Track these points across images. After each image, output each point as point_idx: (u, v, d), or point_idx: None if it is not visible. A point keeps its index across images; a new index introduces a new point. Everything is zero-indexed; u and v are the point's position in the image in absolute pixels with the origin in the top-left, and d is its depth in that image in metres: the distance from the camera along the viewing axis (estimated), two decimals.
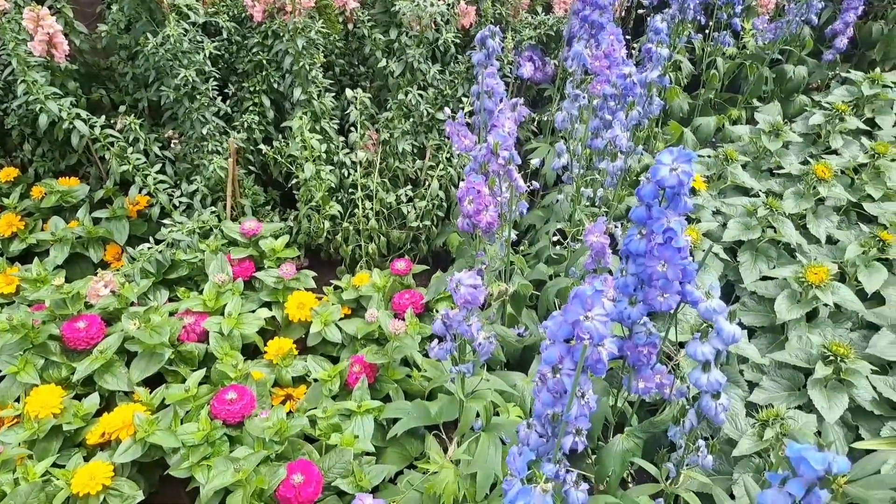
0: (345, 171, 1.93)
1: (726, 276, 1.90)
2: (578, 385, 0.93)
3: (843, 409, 1.42)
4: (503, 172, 1.28)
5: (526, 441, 1.01)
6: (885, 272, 1.75)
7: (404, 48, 1.82)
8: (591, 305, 0.87)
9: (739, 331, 0.89)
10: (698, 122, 2.49)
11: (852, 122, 2.31)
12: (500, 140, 1.25)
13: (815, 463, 0.67)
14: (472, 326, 1.12)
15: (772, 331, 1.71)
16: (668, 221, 1.02)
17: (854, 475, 1.16)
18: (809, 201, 1.99)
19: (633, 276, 1.11)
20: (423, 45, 1.86)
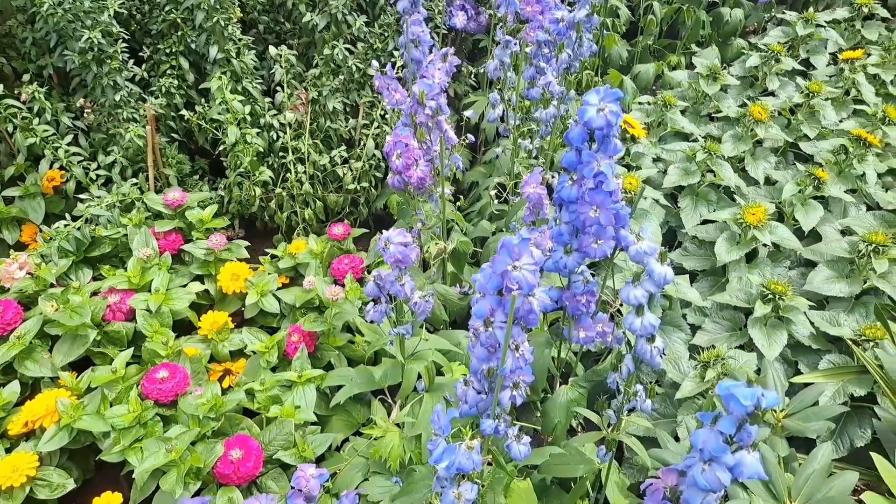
0: (273, 133, 1.84)
1: (668, 223, 1.90)
2: (512, 337, 0.90)
3: (783, 346, 1.44)
4: (432, 124, 1.22)
5: (464, 398, 0.98)
6: (820, 210, 1.77)
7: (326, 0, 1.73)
8: (519, 254, 0.83)
9: (671, 272, 0.87)
10: (637, 69, 2.46)
11: (788, 63, 2.31)
12: (425, 89, 1.18)
13: (744, 399, 0.65)
14: (406, 286, 1.07)
15: (713, 274, 1.72)
16: (598, 165, 0.98)
17: (792, 409, 1.17)
18: (747, 143, 1.99)
19: (567, 224, 1.08)
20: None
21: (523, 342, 0.92)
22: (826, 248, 1.64)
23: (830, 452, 0.98)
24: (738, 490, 0.96)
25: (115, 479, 1.44)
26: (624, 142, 1.93)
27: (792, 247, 1.66)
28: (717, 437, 0.69)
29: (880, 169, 1.99)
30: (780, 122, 2.18)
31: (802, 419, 1.12)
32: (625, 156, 1.95)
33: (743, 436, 0.69)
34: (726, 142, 2.00)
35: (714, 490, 0.70)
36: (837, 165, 1.96)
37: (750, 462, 0.69)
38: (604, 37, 2.28)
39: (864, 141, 1.89)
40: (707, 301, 1.62)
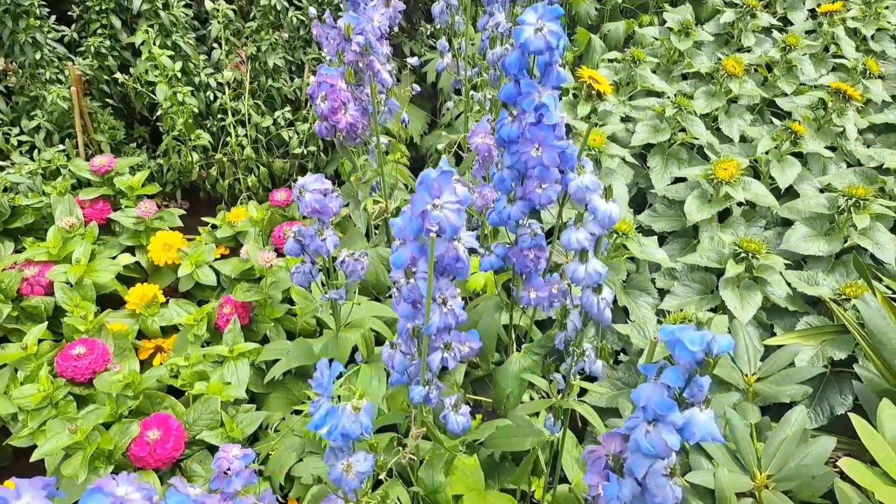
0: (210, 94, 1.70)
1: (637, 184, 1.79)
2: (438, 290, 0.78)
3: (757, 308, 1.34)
4: (363, 65, 1.09)
5: (391, 363, 0.86)
6: (798, 166, 1.66)
7: None
8: (440, 191, 0.71)
9: (617, 210, 0.76)
10: (607, 27, 2.34)
11: (764, 19, 2.20)
12: (351, 22, 1.05)
13: (692, 344, 0.54)
14: (328, 241, 0.95)
15: (684, 235, 1.61)
16: (539, 96, 0.86)
17: (765, 371, 1.06)
18: (721, 100, 1.88)
19: (509, 169, 0.95)
20: None
21: (453, 296, 0.80)
22: (803, 205, 1.54)
23: (805, 416, 0.87)
24: (701, 460, 0.86)
25: (35, 464, 1.31)
26: (590, 99, 1.80)
27: (767, 204, 1.55)
28: (662, 391, 0.57)
29: (861, 124, 1.88)
30: (756, 79, 2.07)
31: (776, 382, 1.01)
32: (591, 114, 1.83)
33: (694, 390, 0.58)
34: (699, 98, 1.89)
35: (660, 455, 0.59)
36: (816, 122, 1.85)
37: (702, 421, 0.58)
38: None
39: (844, 94, 1.78)
40: (678, 264, 1.51)
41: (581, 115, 1.78)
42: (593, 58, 2.16)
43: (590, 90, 1.82)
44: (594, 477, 0.66)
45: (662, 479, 0.61)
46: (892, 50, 2.24)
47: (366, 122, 1.12)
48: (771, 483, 0.84)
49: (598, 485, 0.66)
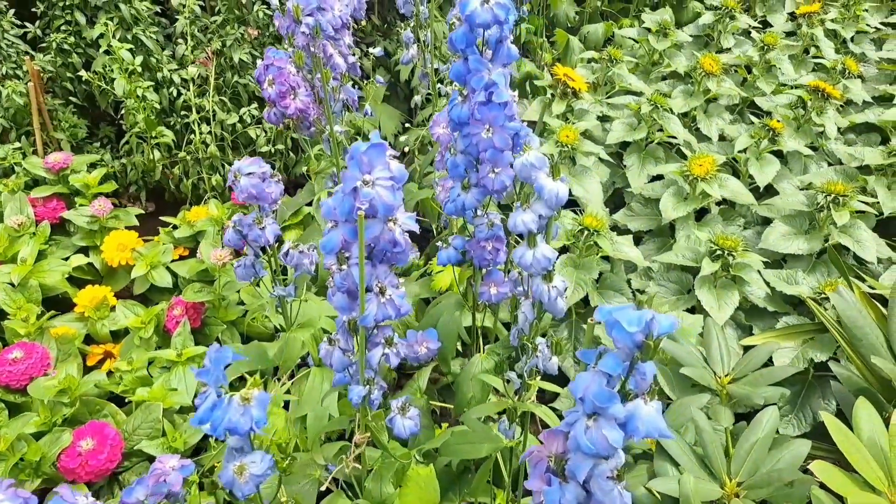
0: (174, 90, 1.64)
1: (614, 183, 1.73)
2: (375, 278, 0.72)
3: (734, 308, 1.28)
4: (315, 49, 1.03)
5: (328, 360, 0.80)
6: (777, 163, 1.62)
7: None
8: (371, 166, 0.65)
9: (565, 189, 0.70)
10: (586, 29, 2.30)
11: (743, 21, 2.16)
12: (300, 3, 1.00)
13: (629, 324, 0.48)
14: (267, 230, 0.89)
15: (660, 234, 1.55)
16: (488, 73, 0.81)
17: (739, 372, 1.00)
18: (699, 99, 1.83)
19: (462, 154, 0.90)
20: None
21: (393, 284, 0.73)
22: (782, 203, 1.49)
23: (777, 418, 0.81)
24: (666, 466, 0.79)
25: None
26: (565, 97, 1.76)
27: (745, 201, 1.50)
28: (600, 380, 0.51)
29: (842, 124, 1.84)
30: (735, 79, 2.03)
31: (750, 384, 0.95)
32: (567, 113, 1.78)
33: (637, 379, 0.51)
34: (676, 97, 1.84)
35: (602, 454, 0.52)
36: (796, 121, 1.81)
37: (646, 415, 0.51)
38: None
39: (823, 92, 1.74)
40: (655, 264, 1.46)
41: (556, 113, 1.73)
42: (571, 59, 2.12)
43: (565, 88, 1.78)
44: (536, 482, 0.60)
45: (608, 483, 0.55)
46: (871, 52, 2.21)
47: (320, 110, 1.07)
48: (741, 491, 0.77)
49: (540, 491, 0.59)
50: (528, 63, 2.05)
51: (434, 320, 1.08)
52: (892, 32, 2.32)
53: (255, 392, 0.51)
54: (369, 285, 0.72)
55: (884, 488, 0.66)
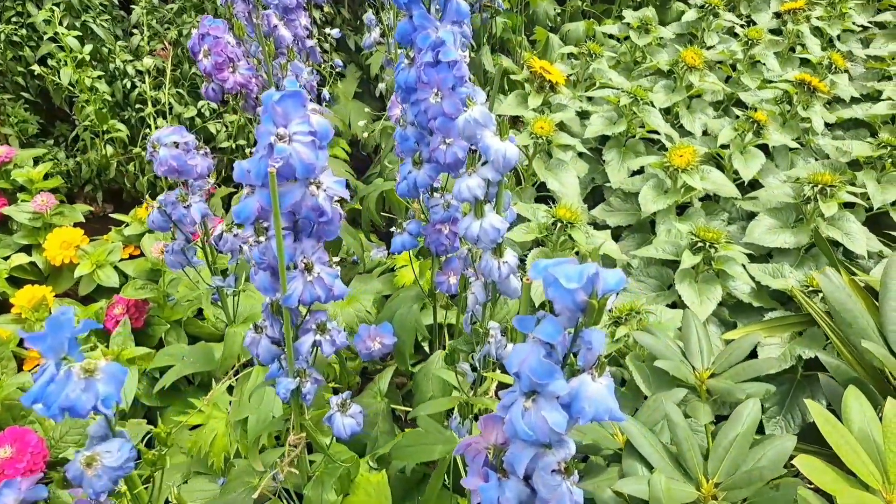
0: (128, 82, 1.56)
1: (593, 180, 1.66)
2: (301, 253, 0.63)
3: (716, 303, 1.20)
4: (257, 19, 0.95)
5: (255, 350, 0.71)
6: (762, 157, 1.55)
7: None
8: (286, 118, 0.57)
9: (514, 150, 0.62)
10: (567, 27, 2.24)
11: (728, 19, 2.11)
12: None
13: (568, 279, 0.39)
14: (192, 209, 0.80)
15: (640, 230, 1.47)
16: (435, 31, 0.73)
17: (720, 367, 0.91)
18: (681, 94, 1.77)
19: (412, 126, 0.82)
20: None
21: (322, 261, 0.65)
22: (768, 195, 1.41)
23: (758, 411, 0.72)
24: (636, 466, 0.70)
25: None
26: (542, 91, 1.69)
27: (728, 193, 1.43)
28: (538, 352, 0.42)
29: (829, 119, 1.78)
30: (719, 76, 1.97)
31: (731, 378, 0.86)
32: (544, 107, 1.71)
33: (583, 351, 0.43)
34: (658, 92, 1.78)
35: (542, 441, 0.44)
36: (782, 116, 1.74)
37: (594, 393, 0.43)
38: None
39: (809, 85, 1.68)
40: (634, 260, 1.37)
41: (533, 107, 1.66)
42: (551, 56, 2.05)
43: (542, 81, 1.71)
44: (473, 479, 0.51)
45: (554, 478, 0.46)
46: (858, 50, 2.16)
47: (261, 84, 0.99)
48: (720, 492, 0.68)
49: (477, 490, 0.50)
50: (506, 59, 1.99)
51: (391, 314, 1.00)
52: (879, 31, 2.27)
53: (102, 363, 0.42)
54: (294, 261, 0.63)
55: (877, 485, 0.57)
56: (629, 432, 0.71)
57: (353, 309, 1.15)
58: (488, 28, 1.98)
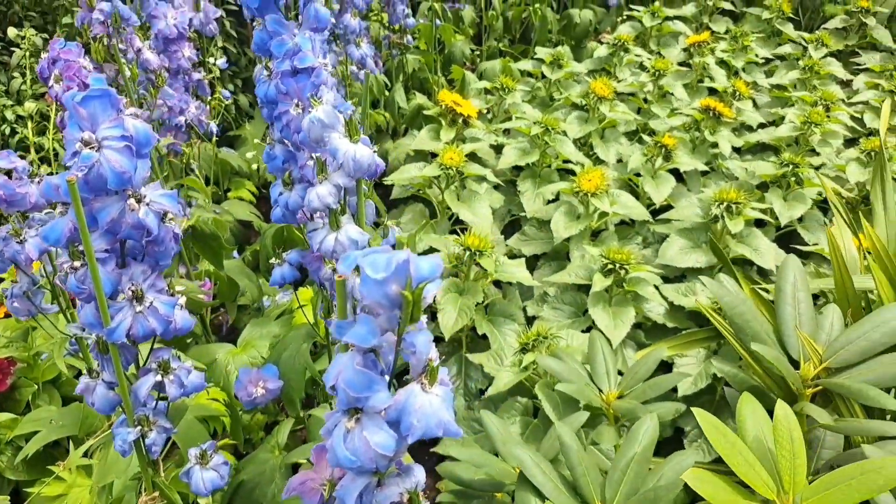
0: (7, 127, 1.46)
1: (510, 210, 1.63)
2: (130, 280, 0.56)
3: (630, 326, 1.16)
4: (119, 42, 0.89)
5: (90, 398, 0.61)
6: (672, 181, 1.56)
7: None
8: (94, 121, 0.50)
9: (367, 152, 0.57)
10: (484, 65, 2.26)
11: (637, 53, 2.17)
12: None
13: (375, 269, 0.33)
14: (27, 245, 0.71)
15: (555, 258, 1.44)
16: (291, 37, 0.68)
17: (626, 386, 0.87)
18: (594, 124, 1.78)
19: (280, 143, 0.76)
20: None
21: (156, 288, 0.57)
22: (678, 215, 1.41)
23: (656, 428, 0.67)
24: (528, 497, 0.63)
25: None
26: (454, 125, 1.67)
27: (639, 216, 1.42)
28: (354, 360, 0.36)
29: (736, 143, 1.82)
30: (631, 107, 2.00)
31: (636, 397, 0.82)
32: (458, 140, 1.69)
33: (405, 350, 0.37)
34: (571, 123, 1.79)
35: (368, 467, 0.37)
36: (692, 142, 1.77)
37: (423, 406, 0.36)
38: (437, 27, 2.07)
39: (714, 111, 1.72)
40: (551, 288, 1.34)
41: (445, 140, 1.64)
42: (468, 92, 2.06)
43: (454, 115, 1.70)
44: None
45: None
46: (762, 80, 2.25)
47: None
48: None
49: None
50: (420, 96, 1.98)
51: (278, 356, 0.92)
52: (781, 63, 2.38)
53: None
54: (121, 289, 0.55)
55: (771, 495, 0.52)
56: (521, 462, 0.65)
57: (248, 356, 1.06)
58: (401, 66, 1.97)
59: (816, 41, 2.31)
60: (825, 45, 2.31)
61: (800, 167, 1.51)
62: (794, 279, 0.79)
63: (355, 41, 1.42)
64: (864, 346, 0.72)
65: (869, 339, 0.72)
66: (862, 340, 0.72)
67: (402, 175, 1.48)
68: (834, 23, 2.57)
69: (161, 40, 1.12)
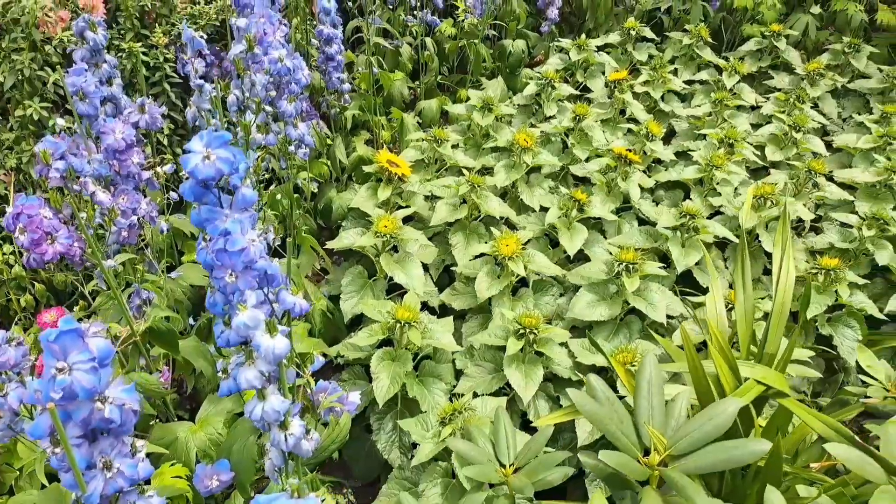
0: None
1: (444, 261, 1.80)
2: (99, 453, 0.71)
3: (539, 383, 1.35)
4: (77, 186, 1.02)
5: None
6: (584, 232, 1.74)
7: (8, 54, 1.50)
8: (65, 352, 0.65)
9: (283, 344, 0.73)
10: (421, 105, 2.40)
11: (564, 89, 2.34)
12: (49, 148, 0.99)
13: None
14: (10, 397, 0.85)
15: (481, 311, 1.62)
16: (223, 221, 0.83)
17: (522, 460, 1.05)
18: (520, 171, 1.95)
19: (219, 291, 0.91)
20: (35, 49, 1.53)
21: (122, 454, 0.73)
22: (585, 271, 1.60)
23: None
24: None
25: None
26: (391, 182, 1.82)
27: (553, 273, 1.60)
28: None
29: (648, 183, 2.01)
30: (556, 146, 2.18)
31: (528, 473, 1.00)
32: (396, 195, 1.85)
33: None
34: (499, 172, 1.95)
35: None
36: (608, 185, 1.96)
37: None
38: (374, 77, 2.20)
39: (626, 158, 1.90)
40: (478, 343, 1.51)
41: (382, 199, 1.79)
42: (406, 137, 2.20)
43: (389, 175, 1.84)
44: None
45: None
46: (679, 109, 2.44)
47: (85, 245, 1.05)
48: None
49: None
50: (364, 146, 2.11)
51: (228, 448, 1.08)
52: (700, 88, 2.57)
53: None
54: (93, 462, 0.71)
55: None
56: None
57: (205, 433, 1.22)
58: (341, 121, 2.10)
59: (731, 69, 2.50)
60: (737, 73, 2.50)
61: (696, 218, 1.70)
62: (650, 376, 0.98)
63: (293, 122, 1.55)
64: (697, 437, 0.91)
65: (702, 431, 0.92)
66: (696, 432, 0.92)
67: (341, 242, 1.63)
68: (749, 45, 2.76)
69: (111, 152, 1.25)
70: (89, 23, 1.29)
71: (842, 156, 2.29)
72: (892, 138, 2.15)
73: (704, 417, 0.94)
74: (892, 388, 1.27)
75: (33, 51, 1.50)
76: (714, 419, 0.93)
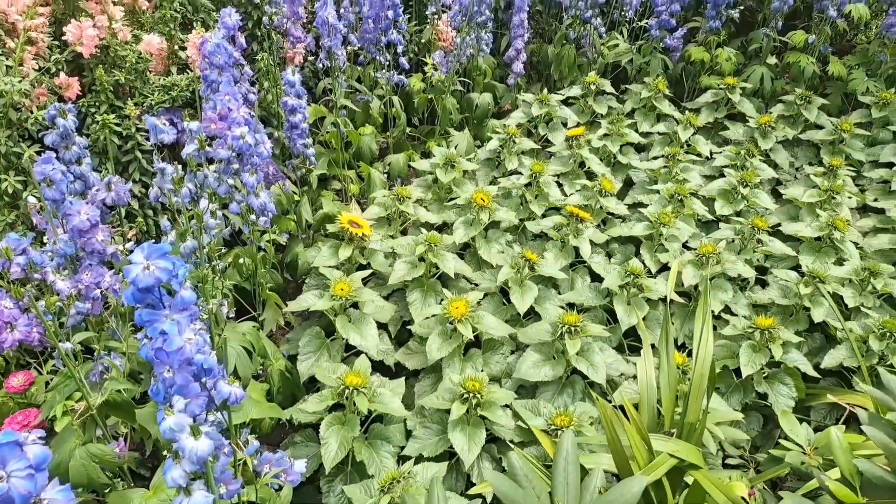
0: None
1: (402, 317, 1.88)
2: None
3: (481, 446, 1.43)
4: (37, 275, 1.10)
5: None
6: (535, 290, 1.82)
7: None
8: (4, 462, 0.73)
9: (206, 445, 0.80)
10: (389, 159, 2.50)
11: (525, 144, 2.44)
12: (10, 245, 1.07)
13: None
14: None
15: (433, 371, 1.70)
16: (161, 323, 0.91)
17: None
18: (478, 228, 2.04)
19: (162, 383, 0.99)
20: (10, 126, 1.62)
21: None
22: (532, 332, 1.68)
23: None
24: None
25: None
26: (352, 241, 1.91)
27: (501, 334, 1.68)
28: None
29: (601, 239, 2.11)
30: (515, 201, 2.27)
31: None
32: (358, 252, 1.93)
33: None
34: (458, 228, 2.04)
35: None
36: (562, 241, 2.05)
37: None
38: (343, 135, 2.30)
39: (577, 217, 2.00)
40: (427, 405, 1.59)
41: (343, 257, 1.87)
42: (372, 194, 2.29)
43: (351, 235, 1.93)
44: None
45: None
46: (636, 162, 2.54)
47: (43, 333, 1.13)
48: None
49: None
50: (331, 202, 2.20)
51: None
52: (658, 138, 2.68)
53: None
54: None
55: None
56: None
57: (158, 499, 1.28)
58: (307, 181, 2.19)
59: (686, 122, 2.62)
60: (692, 125, 2.61)
61: (640, 277, 1.79)
62: (567, 453, 1.06)
63: (254, 192, 1.64)
64: None
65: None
66: None
67: (300, 305, 1.71)
68: (707, 96, 2.88)
69: (76, 232, 1.33)
70: (60, 111, 1.38)
71: (791, 207, 2.39)
72: (836, 193, 2.26)
73: (615, 494, 1.01)
74: (811, 453, 1.35)
75: (9, 128, 1.59)
76: (621, 497, 1.00)
